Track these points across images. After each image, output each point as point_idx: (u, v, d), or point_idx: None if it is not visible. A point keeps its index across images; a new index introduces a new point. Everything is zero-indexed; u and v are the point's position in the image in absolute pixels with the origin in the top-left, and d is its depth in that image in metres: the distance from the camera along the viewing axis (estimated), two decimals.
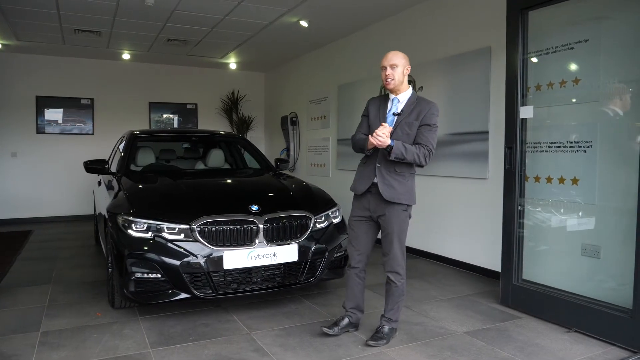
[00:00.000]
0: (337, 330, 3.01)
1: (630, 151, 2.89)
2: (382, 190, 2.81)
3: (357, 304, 3.08)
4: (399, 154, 2.71)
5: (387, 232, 2.89)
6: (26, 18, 5.78)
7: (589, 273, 3.19)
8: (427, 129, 2.81)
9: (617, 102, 3.04)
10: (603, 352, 2.80)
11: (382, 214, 2.87)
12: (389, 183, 2.82)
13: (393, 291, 2.93)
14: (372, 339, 2.91)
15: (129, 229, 3.21)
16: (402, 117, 2.85)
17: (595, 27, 3.14)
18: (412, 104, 2.87)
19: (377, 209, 2.89)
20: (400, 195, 2.81)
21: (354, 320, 3.09)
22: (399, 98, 2.91)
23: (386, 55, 2.89)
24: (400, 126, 2.82)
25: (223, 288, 3.23)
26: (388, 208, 2.84)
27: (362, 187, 2.92)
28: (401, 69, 2.85)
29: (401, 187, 2.82)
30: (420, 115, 2.81)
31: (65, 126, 8.15)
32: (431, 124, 2.81)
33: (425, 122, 2.80)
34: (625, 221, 2.91)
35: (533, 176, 3.49)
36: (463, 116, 4.67)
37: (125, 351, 2.81)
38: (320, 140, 7.51)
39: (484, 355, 2.77)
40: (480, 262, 4.55)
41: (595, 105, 3.14)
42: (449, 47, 4.88)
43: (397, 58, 2.85)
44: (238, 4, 5.23)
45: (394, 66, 2.83)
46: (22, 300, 3.76)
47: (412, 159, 2.75)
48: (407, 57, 2.91)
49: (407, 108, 2.86)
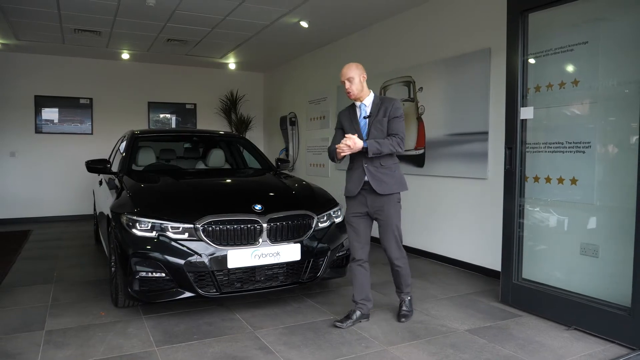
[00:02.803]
0: (350, 323, 3.19)
1: (628, 151, 2.93)
2: (375, 187, 3.10)
3: (366, 295, 3.27)
4: (375, 150, 3.04)
5: (386, 223, 3.16)
6: (27, 17, 5.77)
7: (587, 272, 3.23)
8: (395, 121, 3.14)
9: (616, 103, 3.09)
10: (602, 350, 2.85)
11: (380, 208, 3.14)
12: (379, 178, 3.12)
13: (402, 272, 3.26)
14: (402, 316, 3.29)
15: (133, 228, 3.23)
16: (372, 118, 3.17)
17: (595, 29, 3.19)
18: (377, 104, 3.20)
19: (374, 204, 3.16)
20: (392, 186, 3.13)
21: (365, 312, 3.28)
22: (364, 103, 3.23)
23: (342, 72, 3.18)
24: (374, 125, 3.15)
25: (227, 287, 3.25)
26: (385, 200, 3.13)
27: (355, 188, 3.20)
28: (357, 78, 3.14)
29: (390, 179, 3.14)
30: (386, 112, 3.15)
31: (63, 126, 8.14)
32: (398, 115, 3.15)
33: (392, 115, 3.14)
34: (624, 221, 2.95)
35: (532, 176, 3.54)
36: (463, 117, 4.71)
37: (130, 349, 2.83)
38: (319, 140, 7.54)
39: (486, 352, 2.81)
40: (479, 262, 4.60)
41: (594, 106, 3.19)
42: (448, 48, 4.92)
43: (351, 71, 3.14)
44: (239, 4, 5.25)
45: (350, 79, 3.14)
46: (24, 300, 3.77)
47: (389, 149, 3.07)
48: (360, 65, 3.20)
49: (374, 109, 3.19)
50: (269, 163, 5.02)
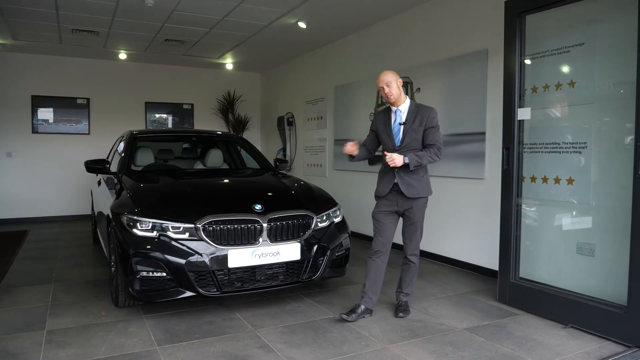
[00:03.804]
0: (355, 317, 3.30)
1: (624, 152, 2.97)
2: (404, 191, 3.25)
3: (376, 287, 3.38)
4: (416, 163, 3.17)
5: (412, 221, 3.35)
6: (24, 18, 5.77)
7: (584, 271, 3.28)
8: (432, 131, 3.26)
9: (612, 104, 3.13)
10: (599, 347, 2.89)
11: (409, 207, 3.32)
12: (409, 182, 3.26)
13: (411, 269, 3.45)
14: (401, 312, 3.41)
15: (134, 228, 3.25)
16: (407, 125, 3.27)
17: (591, 30, 3.23)
18: (413, 112, 3.29)
19: (404, 204, 3.32)
20: (420, 191, 3.29)
21: (370, 306, 3.38)
22: (400, 109, 3.32)
23: (379, 77, 3.29)
24: (408, 133, 3.26)
25: (227, 286, 3.27)
26: (414, 202, 3.30)
27: (385, 189, 3.34)
28: (395, 83, 3.25)
29: (419, 184, 3.28)
30: (422, 120, 3.24)
31: (60, 126, 8.13)
32: (434, 125, 3.26)
33: (429, 125, 3.24)
34: (619, 220, 3.00)
35: (529, 176, 3.58)
36: (460, 117, 4.75)
37: (132, 348, 2.85)
38: (316, 140, 7.57)
39: (485, 350, 2.85)
40: (477, 261, 4.64)
41: (590, 107, 3.24)
42: (446, 49, 4.95)
43: (389, 77, 3.26)
44: (237, 5, 5.27)
45: (389, 84, 3.25)
46: (24, 300, 3.78)
47: (428, 161, 3.21)
48: (395, 72, 3.33)
49: (410, 116, 3.28)
50: (267, 163, 5.04)
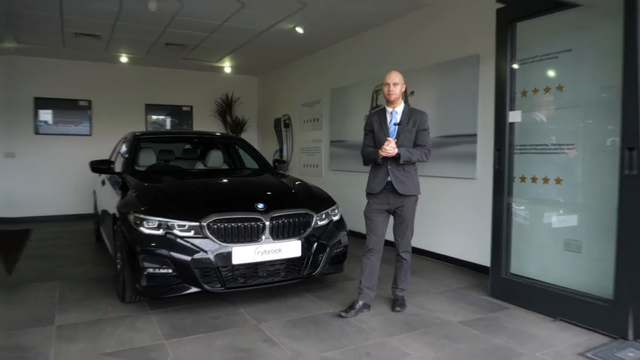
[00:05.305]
0: (354, 313, 3.42)
1: (609, 153, 3.13)
2: (397, 187, 3.40)
3: (372, 283, 3.52)
4: (407, 157, 3.35)
5: (403, 219, 3.48)
6: (29, 22, 5.86)
7: (572, 266, 3.43)
8: (423, 133, 3.46)
9: (598, 108, 3.29)
10: (588, 339, 3.03)
11: (400, 206, 3.45)
12: (401, 180, 3.41)
13: (404, 266, 3.58)
14: (397, 306, 3.55)
15: (141, 226, 3.37)
16: (402, 126, 3.44)
17: (578, 37, 3.39)
18: (407, 114, 3.47)
19: (395, 202, 3.45)
20: (411, 188, 3.44)
21: (368, 301, 3.51)
22: (396, 110, 3.48)
23: (390, 74, 3.45)
24: (403, 133, 3.43)
25: (231, 282, 3.40)
26: (405, 200, 3.43)
27: (378, 187, 3.46)
28: (400, 86, 3.44)
29: (410, 182, 3.44)
30: (415, 123, 3.44)
31: (62, 127, 8.23)
32: (426, 128, 3.48)
33: (420, 127, 3.45)
34: (605, 218, 3.14)
35: (519, 176, 3.73)
36: (453, 120, 4.90)
37: (141, 342, 2.96)
38: (312, 141, 7.71)
39: (479, 342, 2.99)
40: (468, 257, 4.78)
41: (577, 110, 3.39)
42: (439, 54, 5.10)
43: (398, 77, 3.44)
44: (238, 10, 5.39)
45: (395, 84, 3.42)
46: (31, 297, 3.87)
47: (417, 158, 3.40)
48: (403, 76, 3.50)
49: (404, 118, 3.46)
50: (266, 163, 5.17)
